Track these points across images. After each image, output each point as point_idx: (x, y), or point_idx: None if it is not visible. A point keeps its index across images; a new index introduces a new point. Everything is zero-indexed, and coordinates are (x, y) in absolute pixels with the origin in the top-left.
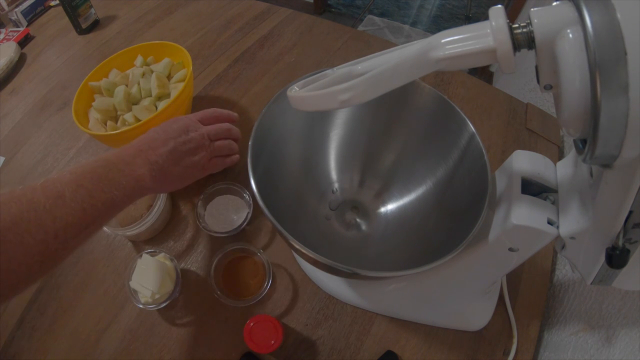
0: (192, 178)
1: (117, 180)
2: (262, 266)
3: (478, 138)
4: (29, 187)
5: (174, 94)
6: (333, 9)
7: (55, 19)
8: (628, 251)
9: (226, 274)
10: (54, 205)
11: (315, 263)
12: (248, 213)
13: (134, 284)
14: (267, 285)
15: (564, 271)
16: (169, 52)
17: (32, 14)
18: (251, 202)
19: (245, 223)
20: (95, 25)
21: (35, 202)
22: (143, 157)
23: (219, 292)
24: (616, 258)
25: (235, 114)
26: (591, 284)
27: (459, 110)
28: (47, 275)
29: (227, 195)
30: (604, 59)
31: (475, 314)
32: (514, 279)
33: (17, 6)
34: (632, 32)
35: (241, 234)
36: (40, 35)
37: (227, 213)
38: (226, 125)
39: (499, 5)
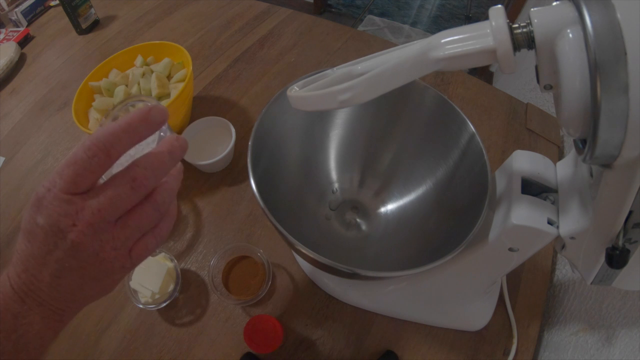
0: (113, 285)
1: (13, 354)
2: (262, 266)
3: (478, 138)
4: None
5: (174, 94)
6: (333, 9)
7: (55, 19)
8: (628, 251)
9: (226, 273)
10: None
11: (315, 263)
12: (161, 134)
13: (134, 284)
14: (267, 285)
15: (564, 271)
16: (169, 52)
17: (32, 14)
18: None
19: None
20: (95, 25)
21: None
22: (30, 297)
23: (219, 292)
24: (616, 258)
25: (158, 107)
26: (591, 284)
27: (459, 110)
28: None
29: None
30: (604, 59)
31: (475, 314)
32: (514, 279)
33: (17, 6)
34: (632, 32)
35: (234, 216)
36: (40, 35)
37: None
38: (131, 173)
39: (499, 5)
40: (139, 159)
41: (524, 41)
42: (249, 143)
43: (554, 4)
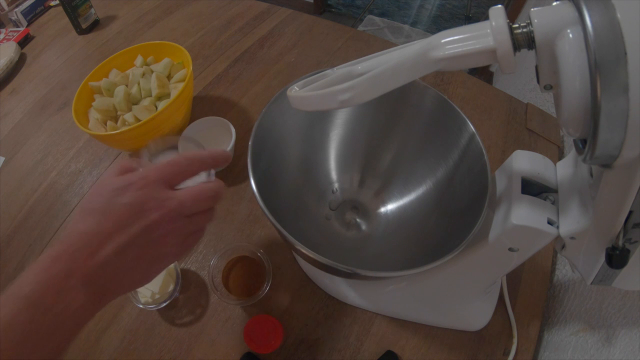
0: (156, 273)
1: (48, 331)
2: (262, 266)
3: (478, 138)
4: None
5: (174, 94)
6: (333, 9)
7: (55, 19)
8: (628, 251)
9: (226, 273)
10: None
11: (315, 263)
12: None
13: None
14: (267, 285)
15: (564, 271)
16: (169, 52)
17: (32, 14)
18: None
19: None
20: (95, 25)
21: None
22: (77, 275)
23: (219, 292)
24: (616, 258)
25: (226, 154)
26: (591, 284)
27: (459, 110)
28: None
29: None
30: (604, 59)
31: (475, 314)
32: (514, 279)
33: (17, 6)
34: (632, 32)
35: (234, 217)
36: (40, 35)
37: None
38: (210, 186)
39: (499, 5)
40: (219, 180)
41: (524, 41)
42: (249, 143)
43: (554, 4)
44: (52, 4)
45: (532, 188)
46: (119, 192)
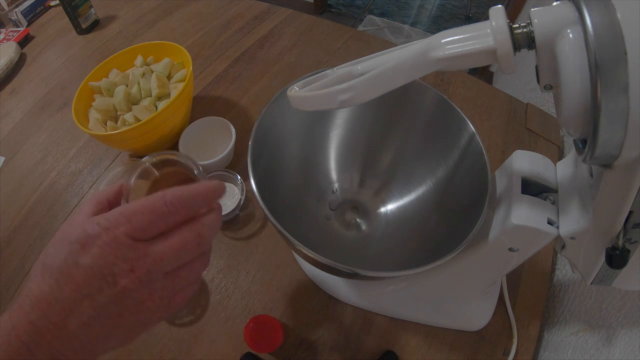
0: (140, 335)
1: None
2: (192, 172)
3: (478, 138)
4: None
5: (174, 94)
6: (333, 9)
7: (55, 19)
8: (628, 251)
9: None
10: None
11: (315, 263)
12: (240, 199)
13: None
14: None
15: (564, 271)
16: (169, 52)
17: (32, 14)
18: (244, 188)
19: (238, 209)
20: (95, 25)
21: None
22: (43, 349)
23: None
24: (616, 258)
25: (220, 188)
26: (591, 284)
27: (459, 110)
28: None
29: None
30: (604, 59)
31: (475, 314)
32: (514, 279)
33: (17, 6)
34: (632, 32)
35: (235, 220)
36: (40, 35)
37: (221, 199)
38: (198, 227)
39: (499, 5)
40: (204, 218)
41: (524, 41)
42: (249, 143)
43: (554, 4)
44: (52, 4)
45: (532, 188)
46: (79, 247)
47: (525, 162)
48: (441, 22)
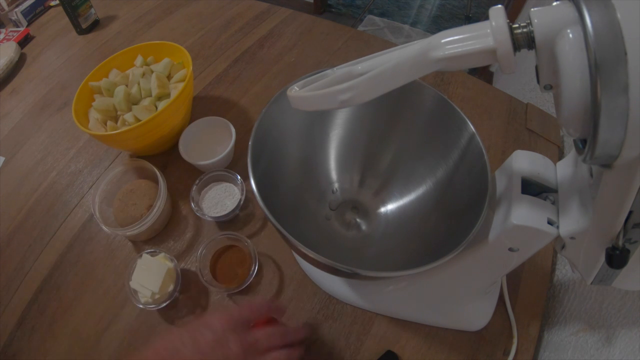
0: None
1: None
2: (249, 254)
3: (478, 138)
4: None
5: (174, 94)
6: (333, 9)
7: (55, 19)
8: (628, 251)
9: (214, 262)
10: None
11: (315, 263)
12: (240, 199)
13: (134, 284)
14: (254, 272)
15: (564, 271)
16: (169, 52)
17: (32, 14)
18: (244, 188)
19: (237, 209)
20: (95, 25)
21: None
22: None
23: (205, 280)
24: (616, 258)
25: (283, 309)
26: (591, 284)
27: (459, 110)
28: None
29: (222, 182)
30: (604, 59)
31: (475, 314)
32: (514, 279)
33: (17, 6)
34: (632, 32)
35: (234, 220)
36: (40, 35)
37: (221, 199)
38: (283, 330)
39: (499, 5)
40: (290, 328)
41: (524, 41)
42: (249, 143)
43: (554, 4)
44: (52, 4)
45: (532, 188)
46: (202, 330)
47: (525, 162)
48: (441, 22)
